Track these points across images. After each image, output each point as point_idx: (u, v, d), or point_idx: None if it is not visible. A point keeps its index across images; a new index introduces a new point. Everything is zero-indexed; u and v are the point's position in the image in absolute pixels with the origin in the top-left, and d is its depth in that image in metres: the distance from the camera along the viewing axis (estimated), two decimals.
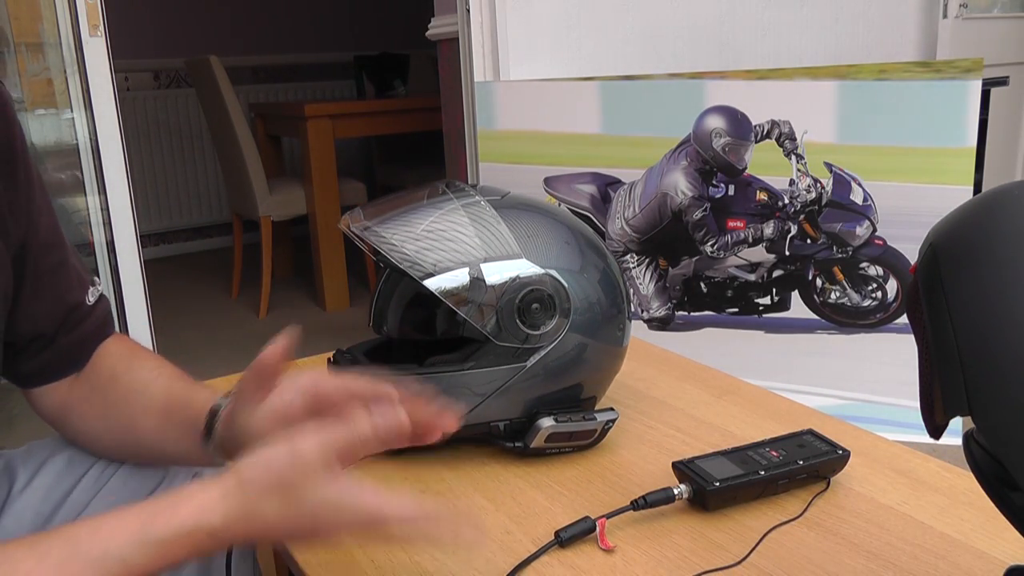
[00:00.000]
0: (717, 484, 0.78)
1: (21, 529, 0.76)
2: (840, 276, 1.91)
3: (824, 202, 1.88)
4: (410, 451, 0.94)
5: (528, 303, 0.86)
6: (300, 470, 0.55)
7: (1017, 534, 0.46)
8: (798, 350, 1.95)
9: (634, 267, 2.02)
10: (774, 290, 1.96)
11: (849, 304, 1.91)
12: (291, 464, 0.55)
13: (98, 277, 0.82)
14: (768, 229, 1.92)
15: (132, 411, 0.74)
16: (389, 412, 0.58)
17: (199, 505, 0.55)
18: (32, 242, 0.71)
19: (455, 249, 0.86)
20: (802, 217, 1.90)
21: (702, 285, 1.99)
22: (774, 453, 0.83)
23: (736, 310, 1.99)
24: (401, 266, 0.85)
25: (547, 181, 2.05)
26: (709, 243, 1.96)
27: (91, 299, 0.78)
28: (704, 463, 0.82)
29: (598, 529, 0.76)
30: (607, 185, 2.01)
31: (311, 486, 0.55)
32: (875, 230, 1.86)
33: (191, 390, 0.73)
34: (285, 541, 0.59)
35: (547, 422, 0.88)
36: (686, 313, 2.02)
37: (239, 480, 0.56)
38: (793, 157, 1.89)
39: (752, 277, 1.96)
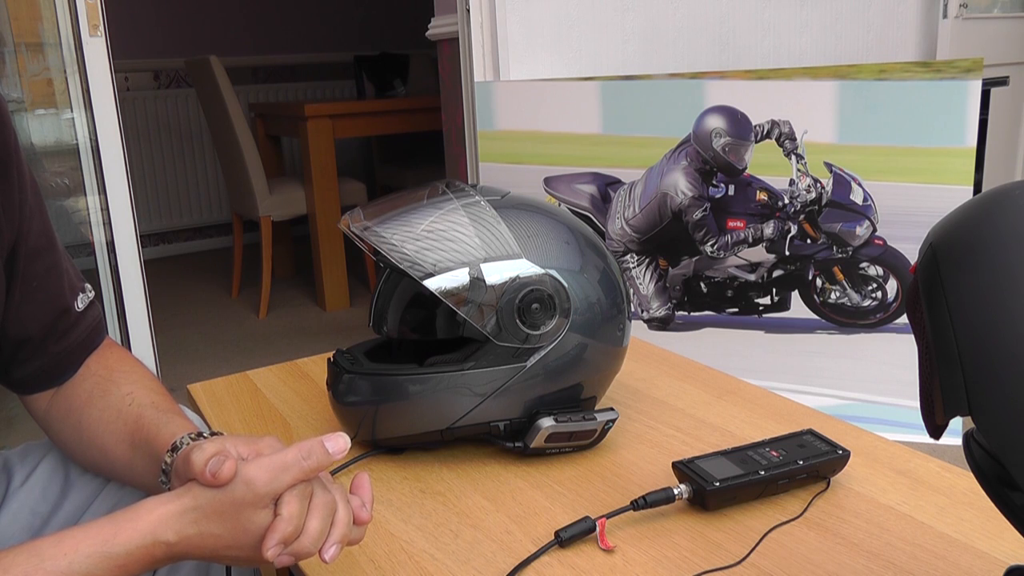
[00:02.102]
0: (717, 484, 0.78)
1: (18, 528, 0.76)
2: (840, 276, 1.91)
3: (824, 202, 1.88)
4: (410, 451, 0.95)
5: (528, 303, 0.86)
6: (250, 497, 0.58)
7: (1017, 534, 0.46)
8: (798, 350, 1.95)
9: (634, 267, 2.02)
10: (774, 290, 1.96)
11: (849, 304, 1.91)
12: (243, 491, 0.58)
13: (88, 284, 0.81)
14: (768, 229, 1.92)
15: (104, 440, 0.74)
16: (340, 441, 0.61)
17: (157, 519, 0.58)
18: (22, 245, 0.71)
19: (455, 249, 0.86)
20: (802, 217, 1.90)
21: (702, 285, 1.99)
22: (774, 453, 0.83)
23: (736, 310, 1.99)
24: (401, 266, 0.85)
25: (547, 181, 2.05)
26: (709, 243, 1.96)
27: (80, 305, 0.77)
28: (704, 463, 0.82)
29: (598, 529, 0.76)
30: (607, 185, 2.01)
31: (259, 512, 0.58)
32: (875, 230, 1.86)
33: (159, 422, 0.71)
34: (233, 561, 0.60)
35: (547, 422, 0.88)
36: (686, 313, 2.02)
37: (194, 498, 0.58)
38: (793, 157, 1.89)
39: (752, 277, 1.96)
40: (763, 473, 0.80)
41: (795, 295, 1.95)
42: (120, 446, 0.73)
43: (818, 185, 1.88)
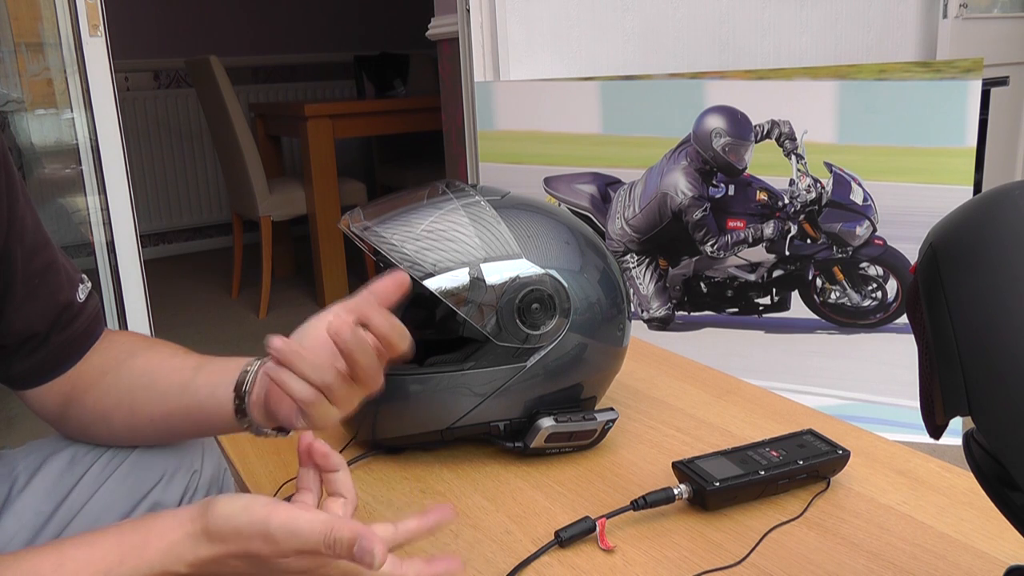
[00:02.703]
0: (717, 484, 0.78)
1: (22, 529, 0.76)
2: (840, 276, 1.91)
3: (824, 202, 1.88)
4: (410, 451, 0.95)
5: (528, 303, 0.86)
6: (269, 552, 0.54)
7: (1017, 534, 0.46)
8: (798, 350, 1.95)
9: (634, 267, 2.02)
10: (774, 290, 1.96)
11: (849, 304, 1.91)
12: (262, 544, 0.54)
13: (84, 275, 0.82)
14: (768, 229, 1.92)
15: (155, 377, 0.75)
16: (376, 545, 0.53)
17: (167, 547, 0.55)
18: (17, 246, 0.71)
19: (455, 249, 0.86)
20: (802, 217, 1.90)
21: (702, 285, 1.99)
22: (774, 453, 0.83)
23: (736, 310, 1.99)
24: (401, 266, 0.85)
25: (547, 181, 2.05)
26: (709, 243, 1.96)
27: (82, 296, 0.78)
28: (704, 463, 0.82)
29: (598, 529, 0.76)
30: (607, 185, 2.01)
31: (279, 564, 0.54)
32: (875, 230, 1.86)
33: (222, 357, 0.75)
34: None
35: (547, 422, 0.88)
36: (686, 313, 2.02)
37: (207, 531, 0.55)
38: (793, 157, 1.89)
39: (752, 277, 1.96)
40: (763, 473, 0.80)
41: (795, 295, 1.95)
42: (180, 373, 0.74)
43: (818, 185, 1.88)
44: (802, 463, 0.82)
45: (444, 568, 0.58)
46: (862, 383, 1.91)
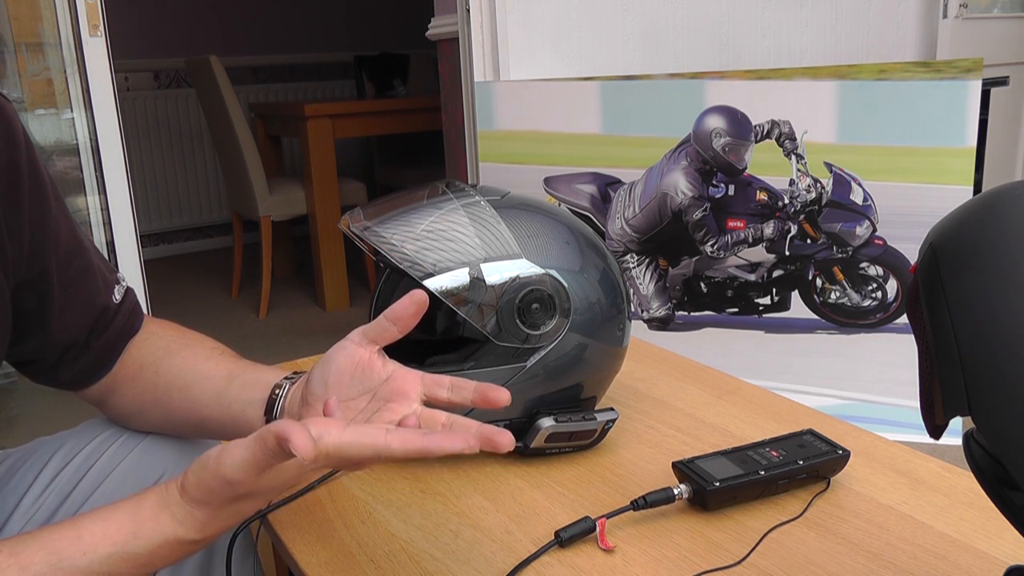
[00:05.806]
0: (717, 484, 0.78)
1: (30, 528, 0.76)
2: (840, 276, 1.91)
3: (824, 202, 1.88)
4: None
5: (528, 303, 0.86)
6: (243, 489, 0.55)
7: (1017, 534, 0.46)
8: (798, 350, 1.95)
9: (634, 267, 2.02)
10: (774, 290, 1.95)
11: (849, 304, 1.91)
12: (231, 487, 0.54)
13: (121, 274, 0.82)
14: (768, 229, 1.92)
15: (189, 382, 0.76)
16: (294, 436, 0.51)
17: (176, 518, 0.56)
18: (52, 259, 0.71)
19: (455, 249, 0.86)
20: (802, 217, 1.90)
21: (702, 285, 1.99)
22: (774, 453, 0.83)
23: (736, 310, 1.99)
24: (401, 266, 0.85)
25: (547, 181, 2.05)
26: (709, 243, 1.96)
27: (118, 297, 0.78)
28: (704, 463, 0.82)
29: (598, 529, 0.76)
30: (607, 185, 2.01)
31: (259, 488, 0.55)
32: (875, 230, 1.86)
33: (255, 365, 0.77)
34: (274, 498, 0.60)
35: (547, 422, 0.88)
36: (686, 313, 2.02)
37: (192, 501, 0.56)
38: (793, 157, 1.89)
39: (752, 277, 1.96)
40: (763, 473, 0.80)
41: (795, 295, 1.95)
42: (213, 382, 0.75)
43: (818, 185, 1.88)
44: (802, 463, 0.82)
45: (440, 443, 0.52)
46: (862, 383, 1.91)
